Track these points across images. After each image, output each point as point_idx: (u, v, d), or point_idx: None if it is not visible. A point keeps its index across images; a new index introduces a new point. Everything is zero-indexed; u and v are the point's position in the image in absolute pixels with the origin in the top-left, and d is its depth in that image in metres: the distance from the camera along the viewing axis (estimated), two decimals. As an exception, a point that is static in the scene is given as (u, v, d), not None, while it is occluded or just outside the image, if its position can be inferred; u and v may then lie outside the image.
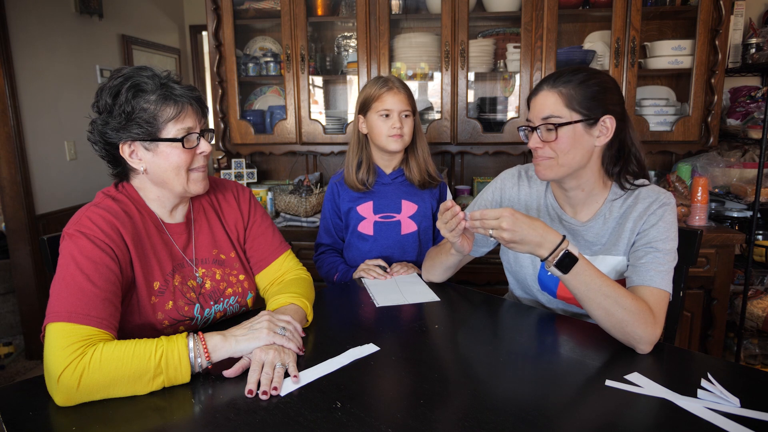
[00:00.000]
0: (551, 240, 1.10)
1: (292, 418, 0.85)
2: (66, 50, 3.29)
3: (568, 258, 1.09)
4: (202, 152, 1.14)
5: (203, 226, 1.26)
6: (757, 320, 2.36)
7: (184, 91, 1.10)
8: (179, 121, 1.09)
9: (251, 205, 1.34)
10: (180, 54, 4.73)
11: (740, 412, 0.86)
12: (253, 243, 1.32)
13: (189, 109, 1.10)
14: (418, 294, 1.43)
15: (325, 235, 1.82)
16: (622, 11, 2.26)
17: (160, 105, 1.07)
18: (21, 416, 0.88)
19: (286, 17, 2.45)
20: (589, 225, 1.28)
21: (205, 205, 1.28)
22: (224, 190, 1.33)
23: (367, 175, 1.73)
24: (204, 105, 1.16)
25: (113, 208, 1.10)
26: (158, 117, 1.07)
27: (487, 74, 2.64)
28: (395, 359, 1.06)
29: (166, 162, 1.10)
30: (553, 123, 1.18)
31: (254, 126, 2.64)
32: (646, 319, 1.07)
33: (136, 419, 0.87)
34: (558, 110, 1.18)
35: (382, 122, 1.66)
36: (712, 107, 2.30)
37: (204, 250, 1.24)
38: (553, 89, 1.19)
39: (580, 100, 1.18)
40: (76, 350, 0.91)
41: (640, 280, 1.16)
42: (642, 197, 1.24)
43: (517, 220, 1.10)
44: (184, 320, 1.17)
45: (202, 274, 1.22)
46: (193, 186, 1.15)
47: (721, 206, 2.42)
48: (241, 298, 1.28)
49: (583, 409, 0.89)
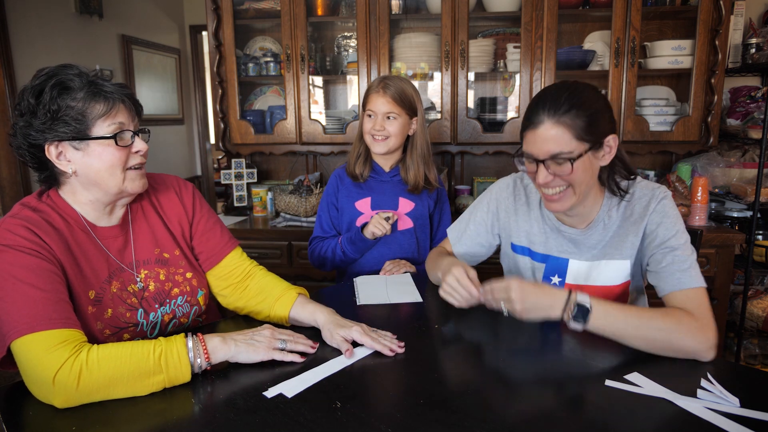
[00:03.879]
0: (560, 298, 1.08)
1: (292, 418, 0.85)
2: (66, 50, 3.29)
3: (582, 309, 1.06)
4: (138, 151, 1.08)
5: (142, 227, 1.19)
6: (757, 320, 2.36)
7: (114, 88, 1.05)
8: (110, 117, 1.03)
9: (195, 201, 1.28)
10: (180, 54, 4.73)
11: (740, 412, 0.86)
12: (201, 239, 1.27)
13: (121, 106, 1.05)
14: (402, 294, 1.43)
15: (319, 230, 1.83)
16: (622, 11, 2.26)
17: (88, 102, 1.01)
18: (21, 416, 0.88)
19: (286, 17, 2.45)
20: (588, 232, 1.26)
21: (143, 205, 1.21)
22: (164, 187, 1.26)
23: (363, 168, 1.75)
24: (137, 104, 1.11)
25: (33, 218, 1.02)
26: (87, 114, 1.01)
27: (487, 74, 2.64)
28: (395, 359, 1.06)
29: (99, 162, 1.04)
30: (565, 158, 1.11)
31: (254, 126, 2.64)
32: (690, 329, 1.02)
33: (136, 419, 0.87)
34: (568, 145, 1.10)
35: (367, 122, 1.68)
36: (712, 107, 2.30)
37: (145, 251, 1.18)
38: (558, 123, 1.10)
39: (586, 127, 1.10)
40: (65, 350, 0.89)
41: (670, 286, 1.12)
42: (637, 197, 1.22)
43: (524, 290, 1.08)
44: (127, 327, 1.11)
45: (145, 276, 1.16)
46: (131, 185, 1.08)
47: (721, 206, 2.42)
48: (191, 297, 1.22)
49: (583, 409, 0.89)
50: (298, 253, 2.39)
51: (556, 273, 1.31)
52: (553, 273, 1.31)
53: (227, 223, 2.50)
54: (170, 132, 4.64)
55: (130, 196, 1.13)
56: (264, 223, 2.50)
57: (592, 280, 1.28)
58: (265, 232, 2.41)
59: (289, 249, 2.39)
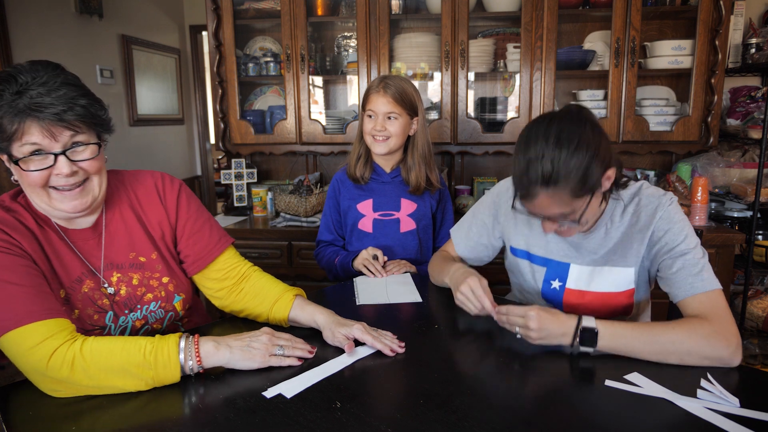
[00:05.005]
0: (570, 325, 1.06)
1: (291, 418, 0.85)
2: (66, 50, 3.29)
3: (588, 333, 1.05)
4: (58, 173, 0.97)
5: (118, 229, 1.14)
6: (757, 320, 2.36)
7: (42, 98, 0.92)
8: (18, 138, 0.93)
9: (180, 200, 1.21)
10: (180, 54, 4.73)
11: (740, 412, 0.86)
12: (188, 242, 1.21)
13: (33, 125, 0.92)
14: (401, 294, 1.43)
15: (326, 231, 1.82)
16: (622, 11, 2.26)
17: (4, 118, 0.92)
18: (21, 416, 0.88)
19: (286, 17, 2.45)
20: (591, 236, 1.25)
21: (122, 206, 1.15)
22: (146, 189, 1.19)
23: (364, 169, 1.74)
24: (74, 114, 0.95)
25: (4, 218, 0.99)
26: (5, 130, 0.93)
27: (487, 74, 2.64)
28: (395, 359, 1.06)
29: (21, 179, 0.99)
30: (570, 219, 1.12)
31: (254, 126, 2.64)
32: (705, 336, 1.01)
33: (135, 419, 0.87)
34: (568, 205, 1.09)
35: (368, 122, 1.67)
36: (712, 107, 2.30)
37: (119, 254, 1.13)
38: (552, 194, 1.07)
39: (581, 186, 1.06)
40: (56, 339, 0.90)
41: (683, 292, 1.11)
42: (643, 204, 1.20)
43: (543, 319, 1.06)
44: (94, 329, 1.08)
45: (117, 280, 1.12)
46: (60, 204, 1.00)
47: (721, 206, 2.42)
48: (165, 303, 1.18)
49: (583, 409, 0.89)
50: (298, 253, 2.39)
51: (557, 277, 1.30)
52: (554, 277, 1.30)
53: (227, 223, 2.50)
54: (170, 132, 4.64)
55: (78, 214, 1.04)
56: (264, 223, 2.50)
57: (594, 286, 1.26)
58: (265, 232, 2.41)
59: (289, 249, 2.39)
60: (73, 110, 0.95)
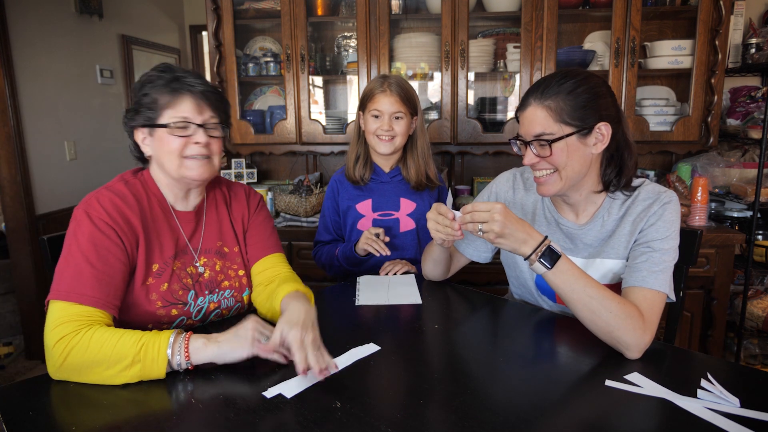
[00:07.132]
0: (535, 237, 1.10)
1: (292, 418, 0.85)
2: (66, 50, 3.29)
3: (551, 254, 1.08)
4: (196, 142, 1.16)
5: (213, 218, 1.30)
6: (757, 320, 2.36)
7: (194, 81, 1.15)
8: (172, 108, 1.14)
9: (259, 205, 1.38)
10: (180, 54, 4.73)
11: (740, 412, 0.86)
12: (249, 234, 1.34)
13: (187, 99, 1.14)
14: (402, 295, 1.42)
15: (324, 232, 1.82)
16: (622, 11, 2.26)
17: (159, 94, 1.14)
18: (21, 416, 0.88)
19: (286, 17, 2.45)
20: (587, 228, 1.27)
21: (218, 198, 1.32)
22: (237, 188, 1.38)
23: (363, 170, 1.74)
24: (214, 99, 1.19)
25: (122, 191, 1.15)
26: (158, 104, 1.14)
27: (487, 74, 2.64)
28: (395, 359, 1.06)
29: (161, 147, 1.16)
30: (545, 140, 1.15)
31: (254, 126, 2.64)
32: (634, 325, 1.04)
33: (136, 419, 0.87)
34: (548, 126, 1.15)
35: (372, 122, 1.67)
36: (712, 107, 2.30)
37: (210, 240, 1.27)
38: (541, 104, 1.15)
39: (571, 111, 1.13)
40: (70, 328, 0.98)
41: (633, 281, 1.13)
42: (641, 198, 1.21)
43: (510, 216, 1.09)
44: (177, 303, 1.18)
45: (204, 263, 1.25)
46: (187, 172, 1.17)
47: (721, 206, 2.42)
48: (237, 293, 1.29)
49: (583, 409, 0.89)
50: (298, 253, 2.39)
51: None
52: None
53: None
54: (170, 132, 4.64)
55: (197, 182, 1.21)
56: (264, 223, 2.49)
57: None
58: (265, 232, 2.41)
59: (289, 249, 2.39)
60: (215, 94, 1.19)
